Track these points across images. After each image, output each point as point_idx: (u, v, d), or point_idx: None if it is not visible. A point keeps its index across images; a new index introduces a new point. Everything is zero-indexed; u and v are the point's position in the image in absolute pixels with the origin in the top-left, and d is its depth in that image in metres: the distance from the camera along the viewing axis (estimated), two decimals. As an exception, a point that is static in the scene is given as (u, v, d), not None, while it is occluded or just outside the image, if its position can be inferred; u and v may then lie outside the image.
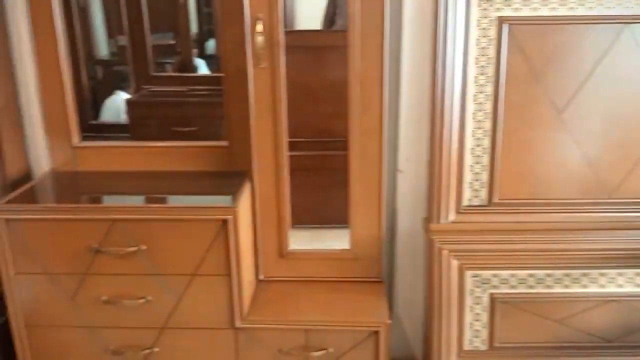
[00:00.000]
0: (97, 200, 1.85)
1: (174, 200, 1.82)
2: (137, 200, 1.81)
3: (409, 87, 1.84)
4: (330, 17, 2.14)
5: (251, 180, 1.85)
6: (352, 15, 1.69)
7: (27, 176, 1.96)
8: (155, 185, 1.91)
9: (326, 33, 2.21)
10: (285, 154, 1.83)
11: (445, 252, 1.80)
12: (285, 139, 1.82)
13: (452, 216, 1.81)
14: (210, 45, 2.50)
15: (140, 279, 1.70)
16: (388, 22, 1.70)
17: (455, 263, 1.80)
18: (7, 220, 1.65)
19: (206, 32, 2.49)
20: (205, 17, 2.50)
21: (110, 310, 1.72)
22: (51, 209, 1.68)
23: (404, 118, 1.87)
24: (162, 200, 1.83)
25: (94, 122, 2.23)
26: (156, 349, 1.76)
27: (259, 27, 1.70)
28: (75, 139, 1.95)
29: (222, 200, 1.76)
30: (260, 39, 1.71)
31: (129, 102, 2.37)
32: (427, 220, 1.83)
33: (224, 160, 1.94)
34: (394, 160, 1.90)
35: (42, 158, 1.97)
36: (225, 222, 1.63)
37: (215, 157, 1.95)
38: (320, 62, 2.13)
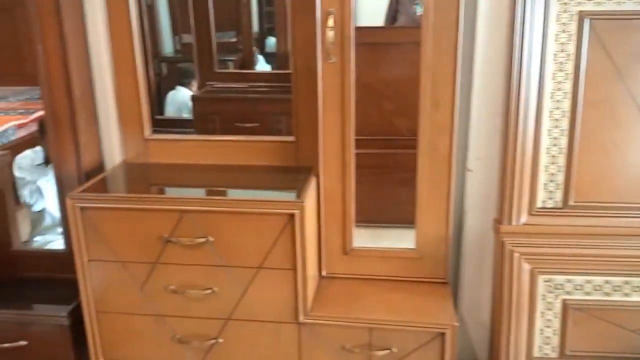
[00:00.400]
0: (168, 191, 1.89)
1: (242, 194, 1.84)
2: (206, 193, 1.83)
3: (481, 84, 1.78)
4: (393, 13, 2.12)
5: (317, 176, 1.84)
6: (426, 9, 1.66)
7: (99, 167, 2.02)
8: (222, 178, 1.94)
9: (389, 29, 2.18)
10: (353, 150, 1.81)
11: (516, 255, 1.73)
12: (352, 135, 1.80)
13: (524, 218, 1.74)
14: (270, 43, 2.52)
15: (207, 269, 1.72)
16: (462, 17, 1.66)
17: (526, 266, 1.74)
18: (82, 208, 1.71)
19: (266, 31, 2.53)
20: (265, 15, 2.54)
21: (177, 300, 1.75)
22: (125, 198, 1.73)
23: (475, 115, 1.82)
24: (230, 193, 1.85)
25: (159, 117, 2.29)
26: (220, 340, 1.78)
27: (331, 22, 1.69)
28: (147, 131, 2.00)
29: (289, 194, 1.77)
30: (330, 33, 1.70)
31: (193, 98, 2.43)
32: (498, 221, 1.77)
33: (291, 155, 1.95)
34: (464, 158, 1.86)
35: (114, 149, 2.03)
36: (292, 216, 1.63)
37: (282, 152, 1.96)
38: (383, 59, 2.10)
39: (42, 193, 2.28)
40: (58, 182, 1.95)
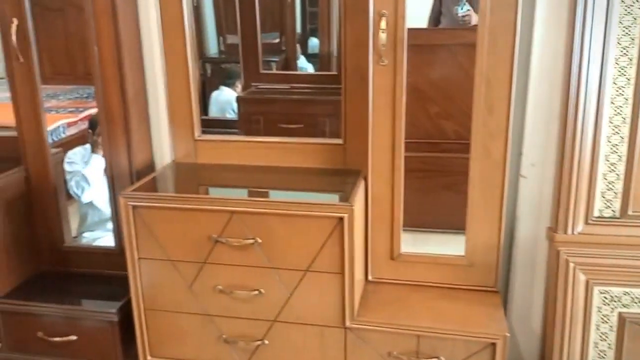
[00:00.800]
0: (217, 192, 1.90)
1: (290, 196, 1.83)
2: (255, 194, 1.84)
3: (537, 87, 1.73)
4: (436, 15, 2.08)
5: (365, 179, 1.82)
6: (482, 11, 1.62)
7: (150, 166, 2.05)
8: (270, 180, 1.94)
9: (434, 31, 2.15)
10: (402, 154, 1.79)
11: (571, 265, 1.68)
12: (402, 139, 1.77)
13: (580, 227, 1.69)
14: (312, 44, 2.52)
15: (255, 271, 1.72)
16: (520, 19, 1.61)
17: (582, 277, 1.68)
18: (134, 207, 1.73)
19: (309, 31, 2.52)
20: (309, 16, 2.53)
21: (224, 300, 1.76)
22: (176, 198, 1.74)
23: (530, 120, 1.77)
24: (279, 195, 1.84)
25: (203, 117, 2.31)
26: (266, 342, 1.77)
27: (383, 24, 1.67)
28: (197, 132, 2.02)
29: (338, 197, 1.75)
30: (383, 35, 1.68)
31: (239, 99, 2.45)
32: (552, 229, 1.72)
33: (338, 158, 1.94)
34: (517, 164, 1.81)
35: (164, 149, 2.05)
36: (341, 219, 1.62)
37: (329, 155, 1.95)
38: (429, 61, 2.07)
39: (88, 181, 2.31)
40: (110, 180, 1.99)
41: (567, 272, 1.68)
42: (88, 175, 2.28)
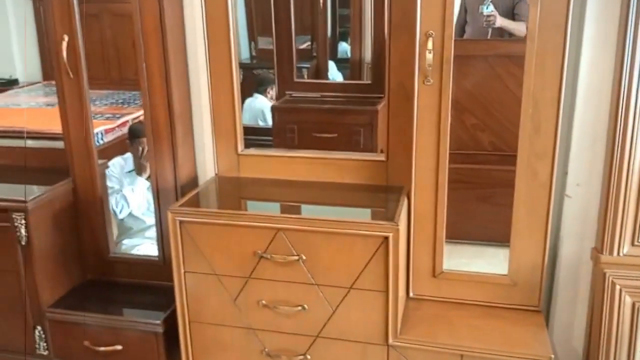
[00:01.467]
0: (262, 207, 1.93)
1: (334, 212, 1.85)
2: (299, 211, 1.86)
3: (584, 107, 1.72)
4: (462, 25, 2.08)
5: (408, 196, 1.83)
6: (530, 31, 1.62)
7: (194, 180, 2.09)
8: (313, 195, 1.95)
9: (471, 42, 2.14)
10: (446, 171, 1.79)
11: (617, 287, 1.66)
12: (447, 157, 1.78)
13: (626, 248, 1.67)
14: (342, 48, 2.49)
15: (299, 287, 1.74)
16: (569, 39, 1.60)
17: (628, 300, 1.66)
18: (181, 222, 1.77)
19: (339, 35, 2.49)
20: (340, 19, 2.49)
21: (268, 315, 1.79)
22: (223, 214, 1.76)
23: (576, 140, 1.76)
24: (323, 212, 1.86)
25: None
26: (308, 357, 1.79)
27: (430, 44, 1.67)
28: (240, 146, 2.04)
29: (382, 215, 1.76)
30: (429, 55, 1.68)
31: (273, 108, 2.44)
32: (598, 250, 1.70)
33: (381, 174, 1.95)
34: (562, 184, 1.80)
35: (207, 163, 2.09)
36: (386, 239, 1.63)
37: (372, 171, 1.96)
38: (464, 72, 2.06)
39: (128, 202, 2.37)
40: (156, 193, 2.03)
41: (613, 294, 1.67)
42: (128, 196, 2.34)
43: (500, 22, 1.97)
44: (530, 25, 1.62)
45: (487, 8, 1.96)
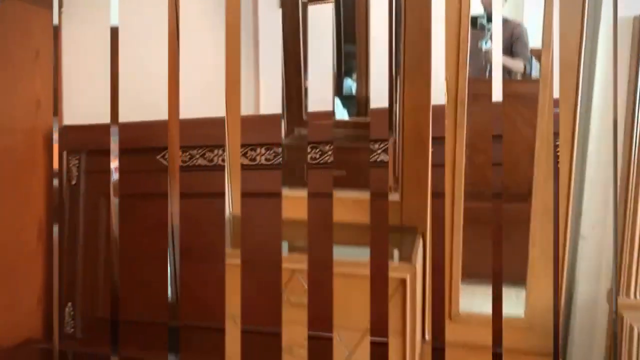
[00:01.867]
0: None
1: (347, 253, 1.84)
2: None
3: (597, 148, 1.75)
4: None
5: (423, 237, 1.83)
6: (544, 77, 1.65)
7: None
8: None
9: (479, 81, 2.15)
10: (461, 213, 1.80)
11: (636, 331, 1.65)
12: (462, 200, 1.79)
13: (644, 291, 1.67)
14: (347, 84, 2.50)
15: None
16: (581, 84, 1.63)
17: (648, 344, 1.65)
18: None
19: (344, 71, 2.51)
20: (344, 55, 2.51)
21: (283, 356, 1.76)
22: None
23: (589, 180, 1.77)
24: (337, 252, 1.84)
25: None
26: (323, 402, 1.76)
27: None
28: (253, 187, 2.05)
29: (397, 256, 1.76)
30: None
31: (283, 146, 2.44)
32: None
33: (394, 214, 1.94)
34: (577, 225, 1.80)
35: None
36: (403, 281, 1.62)
37: (386, 211, 1.96)
38: (471, 111, 2.08)
39: None
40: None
41: (632, 339, 1.65)
42: None
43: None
44: (544, 71, 1.65)
45: (486, 44, 2.00)
